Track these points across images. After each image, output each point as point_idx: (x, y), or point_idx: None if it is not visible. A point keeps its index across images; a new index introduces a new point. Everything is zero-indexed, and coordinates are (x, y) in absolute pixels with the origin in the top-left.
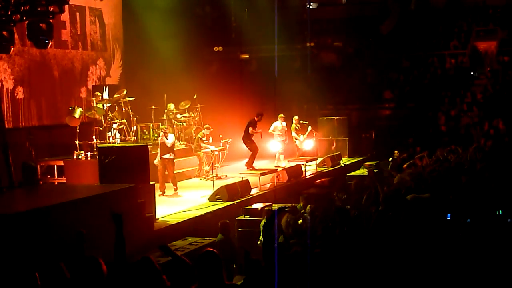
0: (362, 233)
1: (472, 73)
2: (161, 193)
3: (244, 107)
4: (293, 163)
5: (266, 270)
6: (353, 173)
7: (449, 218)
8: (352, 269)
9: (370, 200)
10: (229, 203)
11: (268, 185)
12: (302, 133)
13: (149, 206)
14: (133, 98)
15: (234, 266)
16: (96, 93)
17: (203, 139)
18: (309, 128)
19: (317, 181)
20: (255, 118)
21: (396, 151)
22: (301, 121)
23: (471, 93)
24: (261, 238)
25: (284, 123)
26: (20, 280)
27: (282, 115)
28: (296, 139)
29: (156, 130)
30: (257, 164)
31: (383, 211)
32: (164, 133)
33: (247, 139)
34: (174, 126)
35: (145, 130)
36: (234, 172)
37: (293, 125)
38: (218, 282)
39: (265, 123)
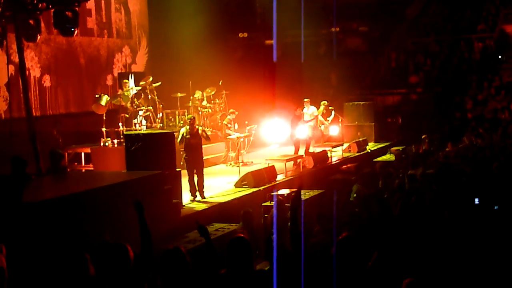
0: (389, 219)
1: (499, 56)
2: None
3: (270, 93)
4: (319, 149)
5: (293, 256)
6: (379, 159)
7: (477, 202)
8: (381, 256)
9: (395, 186)
10: (255, 189)
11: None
12: (327, 119)
13: (176, 193)
14: (159, 84)
15: (257, 252)
16: (123, 80)
17: (229, 125)
18: (333, 113)
19: (343, 166)
20: (295, 114)
21: (424, 136)
22: (330, 107)
23: (499, 77)
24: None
25: (312, 108)
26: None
27: (307, 99)
28: (322, 124)
29: (182, 117)
30: (284, 150)
31: (408, 197)
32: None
33: (294, 134)
34: (200, 113)
35: (170, 117)
36: (260, 158)
37: (320, 110)
38: (247, 268)
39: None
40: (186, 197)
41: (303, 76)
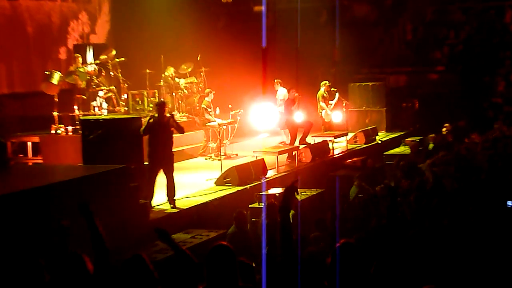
0: (402, 225)
1: None
2: None
3: (259, 71)
4: (318, 139)
5: (284, 267)
6: (391, 151)
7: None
8: (384, 265)
9: (415, 184)
10: (240, 188)
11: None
12: (328, 103)
13: (144, 191)
14: (123, 59)
15: (254, 265)
16: (79, 54)
17: (209, 109)
18: (337, 95)
19: (348, 161)
20: (288, 96)
21: (446, 125)
22: (332, 88)
23: None
24: None
25: (282, 90)
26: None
27: (278, 80)
28: (322, 110)
29: (152, 99)
30: (274, 140)
31: (426, 199)
32: None
33: (291, 119)
34: (173, 94)
35: (138, 99)
36: (246, 150)
37: (320, 92)
38: (231, 282)
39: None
40: (156, 196)
41: (299, 51)
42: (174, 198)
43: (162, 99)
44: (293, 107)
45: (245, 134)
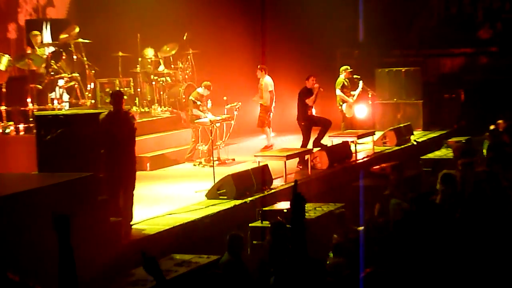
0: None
1: None
2: None
3: (261, 54)
4: (337, 140)
5: None
6: (430, 155)
7: None
8: None
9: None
10: (238, 202)
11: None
12: (349, 93)
13: (116, 207)
14: (89, 41)
15: None
16: (33, 32)
17: (198, 103)
18: (361, 84)
19: (374, 167)
20: (306, 85)
21: (500, 121)
22: (354, 75)
23: None
24: None
25: (266, 79)
26: None
27: (262, 66)
28: (342, 103)
29: (126, 89)
30: (283, 141)
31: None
32: None
33: (305, 115)
34: (153, 83)
35: (108, 89)
36: (246, 153)
37: (340, 80)
38: None
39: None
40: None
41: (311, 28)
42: (132, 216)
43: (118, 89)
44: (308, 100)
45: (244, 134)
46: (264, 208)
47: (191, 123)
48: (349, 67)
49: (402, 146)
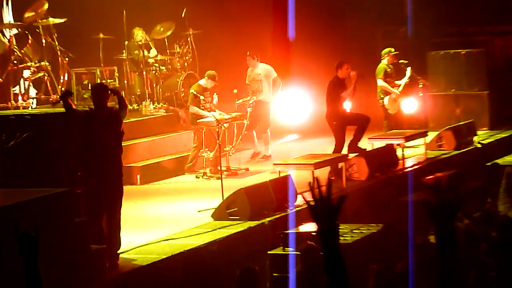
0: None
1: None
2: None
3: (280, 36)
4: (379, 143)
5: None
6: (499, 160)
7: None
8: None
9: None
10: (253, 224)
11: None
12: (394, 83)
13: (98, 231)
14: (62, 21)
15: None
16: None
17: (201, 97)
18: (408, 71)
19: (427, 177)
20: (338, 74)
21: None
22: (400, 60)
23: None
24: None
25: (261, 67)
26: None
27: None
28: (385, 95)
29: (109, 81)
30: (309, 146)
31: None
32: None
33: (338, 112)
34: (144, 72)
35: (86, 82)
36: (263, 161)
37: (382, 67)
38: None
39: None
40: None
41: (345, 3)
42: (119, 243)
43: (100, 81)
44: (344, 93)
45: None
46: (286, 231)
47: (193, 124)
48: (393, 50)
49: (463, 150)
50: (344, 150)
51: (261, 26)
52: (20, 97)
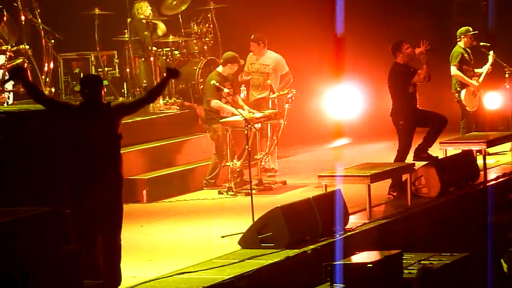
0: None
1: None
2: None
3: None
4: (454, 150)
5: None
6: None
7: None
8: None
9: None
10: (292, 253)
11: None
12: (473, 72)
13: (93, 262)
14: None
15: None
16: None
17: (225, 90)
18: (491, 56)
19: None
20: (397, 59)
21: None
22: (481, 42)
23: None
24: None
25: (271, 56)
26: None
27: (257, 37)
28: (461, 88)
29: (107, 70)
30: (363, 153)
31: None
32: None
33: (407, 108)
34: (151, 58)
35: (77, 70)
36: (305, 173)
37: (458, 51)
38: None
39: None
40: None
41: None
42: (118, 272)
43: (96, 69)
44: (418, 77)
45: (301, 141)
46: (334, 263)
47: (208, 124)
48: (471, 29)
49: None
50: (409, 158)
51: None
52: None
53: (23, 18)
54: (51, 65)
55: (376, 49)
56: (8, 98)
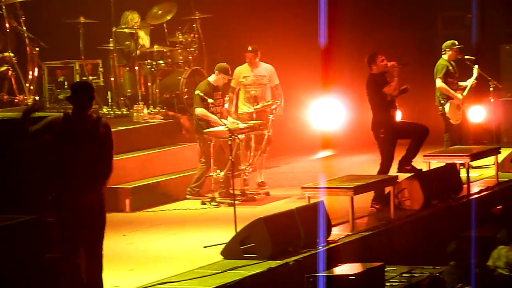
0: None
1: None
2: None
3: (311, 17)
4: (437, 163)
5: None
6: None
7: None
8: None
9: None
10: (274, 264)
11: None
12: (457, 85)
13: (74, 272)
14: None
15: None
16: None
17: (210, 100)
18: (475, 70)
19: (497, 207)
20: (372, 70)
21: None
22: (466, 56)
23: None
24: None
25: (263, 68)
26: None
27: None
28: (445, 100)
29: (92, 78)
30: (347, 164)
31: None
32: None
33: (387, 119)
34: (136, 68)
35: (62, 78)
36: (288, 184)
37: (441, 64)
38: None
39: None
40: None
41: None
42: None
43: (80, 78)
44: (387, 87)
45: (285, 152)
46: (316, 274)
47: (198, 133)
48: (456, 43)
49: None
50: (393, 171)
51: (289, 6)
52: None
53: (7, 25)
54: (36, 73)
55: (361, 61)
56: None
